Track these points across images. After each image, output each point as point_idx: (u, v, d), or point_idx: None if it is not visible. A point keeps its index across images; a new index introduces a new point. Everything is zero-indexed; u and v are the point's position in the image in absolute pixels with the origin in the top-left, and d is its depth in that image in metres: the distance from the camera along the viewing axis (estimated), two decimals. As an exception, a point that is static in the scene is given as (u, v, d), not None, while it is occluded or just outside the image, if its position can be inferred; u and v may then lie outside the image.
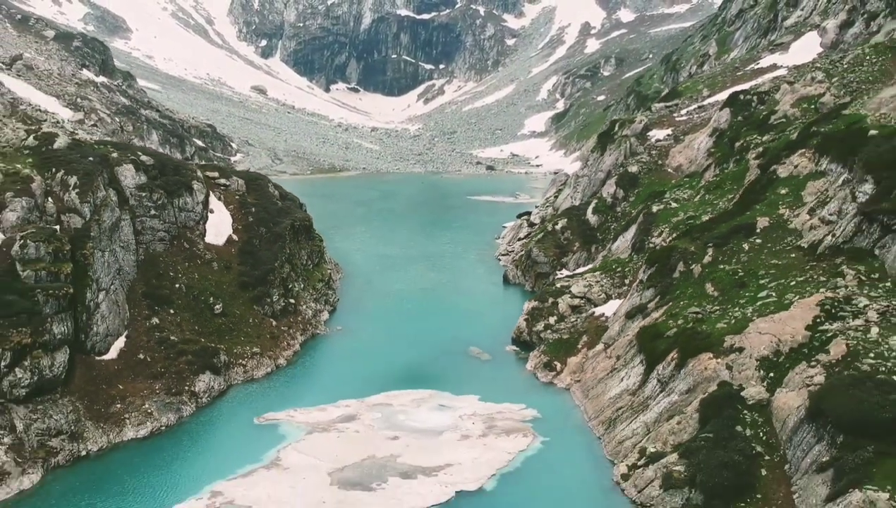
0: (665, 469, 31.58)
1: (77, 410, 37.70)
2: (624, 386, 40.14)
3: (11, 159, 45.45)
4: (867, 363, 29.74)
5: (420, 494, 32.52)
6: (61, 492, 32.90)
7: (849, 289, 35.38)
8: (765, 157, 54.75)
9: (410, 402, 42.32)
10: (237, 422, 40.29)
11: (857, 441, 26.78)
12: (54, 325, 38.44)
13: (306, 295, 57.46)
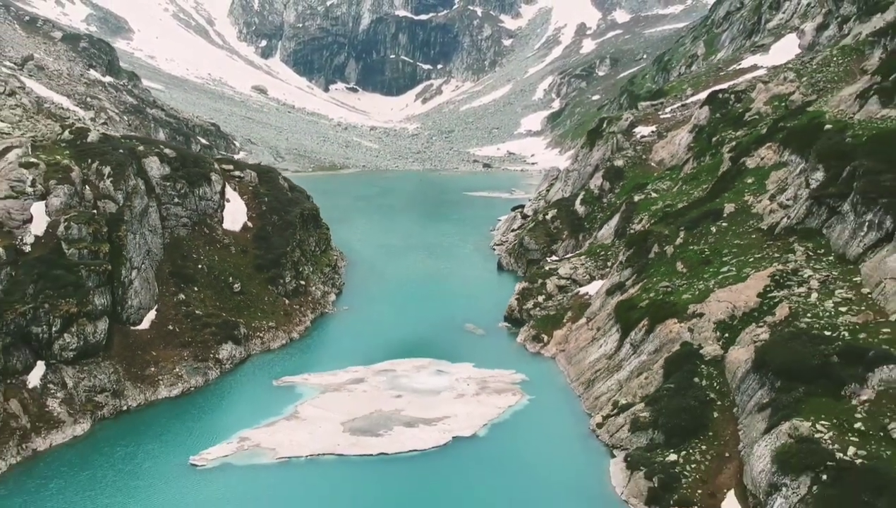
0: (633, 416, 36.58)
1: (117, 372, 42.64)
2: (602, 352, 45.16)
3: (51, 151, 50.25)
4: (804, 321, 34.73)
5: (421, 439, 37.47)
6: (108, 438, 37.81)
7: (797, 263, 40.38)
8: (736, 151, 59.80)
9: (412, 368, 47.29)
10: (258, 384, 45.24)
11: (791, 384, 31.72)
12: (96, 297, 43.36)
13: (315, 278, 62.46)
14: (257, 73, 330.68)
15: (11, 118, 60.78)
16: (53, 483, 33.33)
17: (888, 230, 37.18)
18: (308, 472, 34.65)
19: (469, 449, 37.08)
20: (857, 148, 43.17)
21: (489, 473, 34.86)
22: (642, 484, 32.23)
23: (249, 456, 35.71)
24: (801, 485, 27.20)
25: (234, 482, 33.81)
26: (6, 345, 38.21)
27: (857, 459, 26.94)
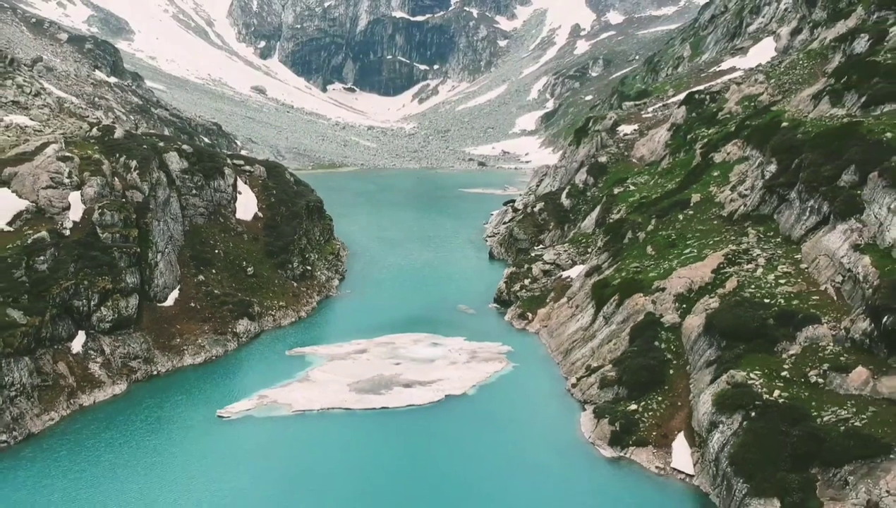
0: (602, 376, 42.02)
1: (147, 342, 47.98)
2: (579, 325, 50.58)
3: (82, 147, 55.47)
4: (748, 292, 40.18)
5: (418, 396, 42.83)
6: (144, 397, 43.12)
7: (749, 244, 45.86)
8: (707, 147, 65.31)
9: (409, 341, 52.66)
10: (272, 354, 50.60)
11: (734, 343, 37.14)
12: (127, 276, 48.70)
13: (320, 264, 67.84)
14: (256, 74, 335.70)
15: (41, 116, 65.96)
16: (105, 433, 38.57)
17: (825, 214, 42.62)
18: (319, 422, 40.00)
19: (459, 405, 42.47)
20: (805, 143, 48.65)
21: (477, 424, 40.23)
22: (606, 429, 37.68)
23: (268, 410, 41.09)
24: (734, 421, 32.65)
25: (256, 430, 39.15)
26: (53, 316, 43.45)
27: (780, 399, 32.39)
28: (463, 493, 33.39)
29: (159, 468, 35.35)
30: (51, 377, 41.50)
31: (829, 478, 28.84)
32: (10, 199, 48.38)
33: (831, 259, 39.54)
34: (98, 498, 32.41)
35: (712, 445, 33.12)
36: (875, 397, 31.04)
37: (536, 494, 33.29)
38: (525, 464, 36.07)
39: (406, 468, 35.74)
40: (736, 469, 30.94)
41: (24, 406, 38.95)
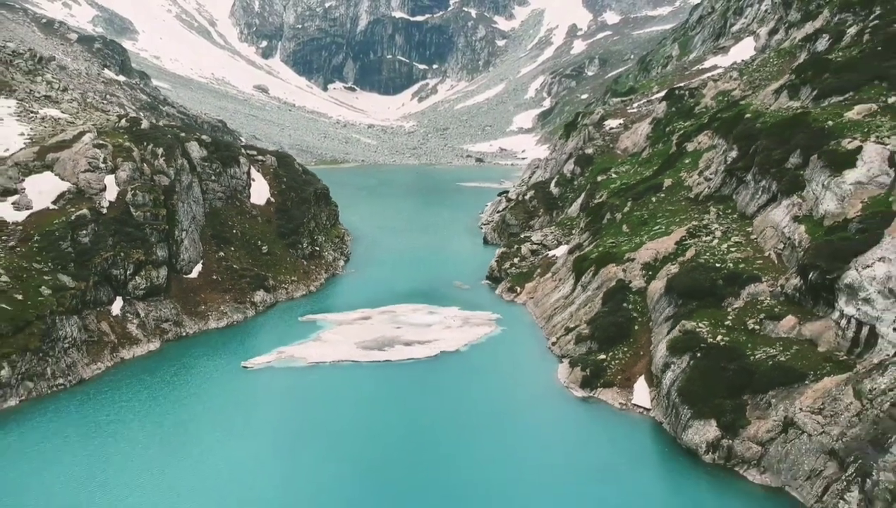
0: (577, 333, 48.02)
1: (176, 307, 53.98)
2: (560, 294, 56.58)
3: (113, 136, 61.36)
4: (703, 258, 46.18)
5: (417, 352, 48.79)
6: (176, 353, 49.11)
7: (709, 220, 51.86)
8: (681, 138, 71.29)
9: (409, 310, 58.65)
10: (287, 320, 56.59)
11: (689, 301, 43.09)
12: (157, 250, 54.66)
13: (327, 246, 73.82)
14: (258, 73, 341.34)
15: (70, 110, 71.87)
16: (144, 379, 44.55)
17: (774, 192, 48.58)
18: (331, 372, 45.92)
19: (453, 359, 48.43)
20: (761, 131, 54.61)
21: (468, 374, 46.18)
22: (579, 375, 43.68)
23: (287, 362, 47.07)
24: (683, 361, 38.62)
25: (277, 377, 45.10)
26: (95, 282, 49.43)
27: (722, 342, 38.38)
28: (454, 428, 39.21)
29: (193, 404, 41.35)
30: (96, 334, 47.49)
31: (757, 402, 34.84)
32: (54, 181, 54.33)
33: (776, 229, 45.54)
34: (140, 427, 38.33)
35: (665, 382, 39.12)
36: (799, 338, 37.02)
37: (518, 426, 39.21)
38: (508, 404, 42.06)
39: (405, 408, 41.65)
40: (682, 398, 36.95)
41: (76, 356, 44.98)
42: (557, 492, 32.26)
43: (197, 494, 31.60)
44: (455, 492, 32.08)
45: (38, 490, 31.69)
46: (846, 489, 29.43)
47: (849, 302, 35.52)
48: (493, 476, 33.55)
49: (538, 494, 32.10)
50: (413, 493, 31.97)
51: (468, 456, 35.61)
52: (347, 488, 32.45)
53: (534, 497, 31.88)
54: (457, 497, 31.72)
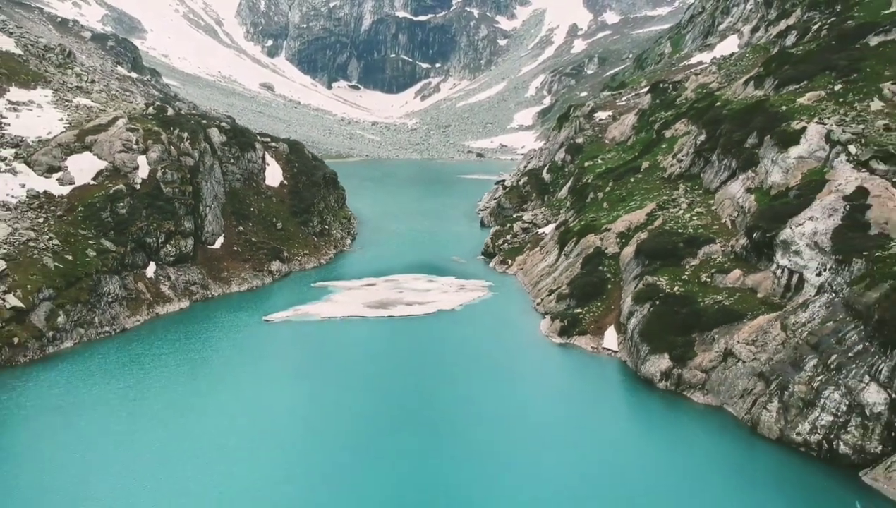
0: (558, 293, 54.37)
1: (202, 273, 60.44)
2: (546, 263, 62.96)
3: (142, 122, 67.75)
4: (669, 226, 52.51)
5: (417, 310, 55.18)
6: (204, 310, 55.56)
7: (677, 195, 58.18)
8: (661, 126, 77.58)
9: (410, 278, 65.06)
10: (301, 285, 63.02)
11: (654, 261, 49.39)
12: (185, 222, 61.06)
13: (335, 225, 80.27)
14: (264, 71, 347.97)
15: (100, 99, 78.26)
16: (177, 329, 51.00)
17: (734, 169, 54.86)
18: (342, 325, 52.29)
19: (448, 316, 54.78)
20: (727, 116, 60.94)
21: (461, 328, 52.49)
22: (557, 325, 50.05)
23: (303, 317, 53.49)
24: (644, 308, 44.96)
25: (294, 329, 51.49)
26: (132, 248, 55.85)
27: (677, 291, 44.72)
28: (449, 371, 45.36)
29: (221, 347, 47.79)
30: (134, 292, 53.92)
31: (703, 338, 41.15)
32: (93, 161, 60.69)
33: (732, 200, 51.86)
34: (175, 364, 44.71)
35: (629, 327, 45.46)
36: (742, 287, 43.32)
37: (502, 367, 45.45)
38: (495, 350, 48.38)
39: (406, 355, 47.95)
40: (642, 338, 43.29)
41: (118, 309, 51.43)
42: (537, 417, 38.42)
43: (223, 416, 37.80)
44: (447, 416, 38.27)
45: (90, 411, 38.00)
46: (768, 401, 35.74)
47: (783, 255, 41.85)
48: (480, 405, 39.69)
49: (520, 418, 38.26)
50: (412, 416, 38.18)
51: (459, 390, 41.87)
52: (355, 410, 38.66)
53: (516, 420, 37.98)
54: (449, 420, 37.87)
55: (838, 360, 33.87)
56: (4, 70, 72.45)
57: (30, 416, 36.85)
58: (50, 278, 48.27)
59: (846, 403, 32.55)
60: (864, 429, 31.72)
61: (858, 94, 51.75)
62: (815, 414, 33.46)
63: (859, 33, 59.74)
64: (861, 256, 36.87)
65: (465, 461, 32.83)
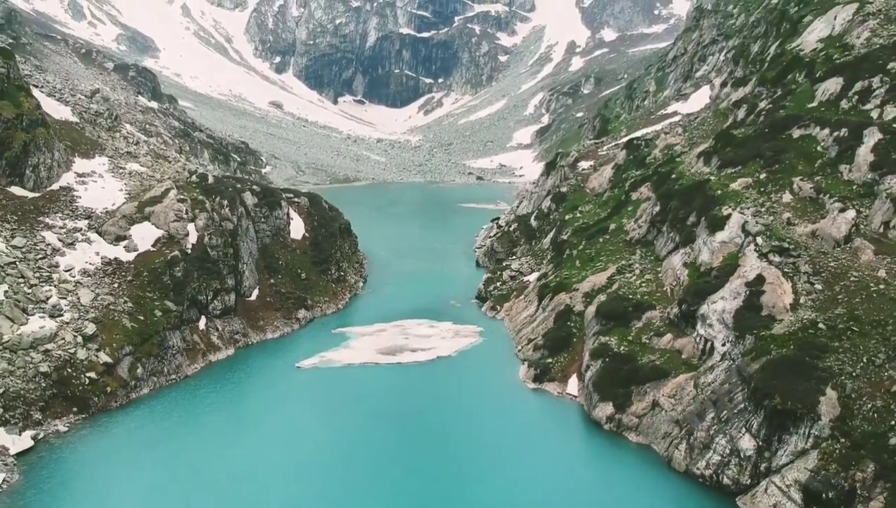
0: (535, 343, 67.04)
1: (243, 323, 73.24)
2: (527, 313, 75.62)
3: (188, 190, 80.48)
4: (622, 291, 65.09)
5: (420, 356, 67.87)
6: (245, 356, 68.36)
7: (634, 260, 70.79)
8: (630, 186, 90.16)
9: (414, 324, 77.74)
10: (324, 332, 75.75)
11: (608, 322, 61.95)
12: (228, 279, 73.84)
13: (350, 271, 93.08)
14: (273, 88, 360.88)
15: (147, 163, 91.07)
16: (227, 375, 63.78)
17: (677, 243, 67.39)
18: (359, 371, 65.01)
19: (446, 362, 67.50)
20: (677, 192, 73.52)
21: (456, 372, 65.18)
22: (532, 373, 62.74)
23: (328, 363, 66.26)
24: (597, 363, 57.57)
25: (322, 375, 64.23)
26: (187, 306, 68.61)
27: (623, 351, 57.33)
28: (442, 408, 58.13)
29: (264, 392, 60.57)
30: (191, 343, 66.75)
31: (639, 391, 53.76)
32: (152, 229, 73.43)
33: (673, 271, 64.46)
34: (227, 405, 57.46)
35: (586, 378, 58.10)
36: (671, 349, 55.93)
37: (485, 407, 58.14)
38: (481, 393, 61.14)
39: (410, 399, 60.55)
40: (594, 388, 55.93)
41: (181, 359, 64.29)
42: (507, 447, 51.15)
43: (264, 448, 50.54)
44: (437, 448, 51.00)
45: (167, 442, 50.80)
46: (680, 442, 48.39)
47: (701, 326, 54.48)
48: (463, 440, 52.42)
49: (493, 448, 50.98)
50: (412, 446, 50.92)
51: (449, 427, 54.64)
52: (371, 444, 51.38)
53: (490, 450, 50.71)
54: (438, 451, 50.62)
55: (727, 415, 46.53)
56: (69, 141, 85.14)
57: (129, 450, 49.70)
58: (129, 336, 61.18)
59: (729, 448, 45.21)
60: (740, 467, 44.37)
61: (776, 186, 64.27)
62: (709, 454, 46.11)
63: (785, 124, 72.05)
64: (752, 333, 49.51)
65: (450, 478, 45.64)
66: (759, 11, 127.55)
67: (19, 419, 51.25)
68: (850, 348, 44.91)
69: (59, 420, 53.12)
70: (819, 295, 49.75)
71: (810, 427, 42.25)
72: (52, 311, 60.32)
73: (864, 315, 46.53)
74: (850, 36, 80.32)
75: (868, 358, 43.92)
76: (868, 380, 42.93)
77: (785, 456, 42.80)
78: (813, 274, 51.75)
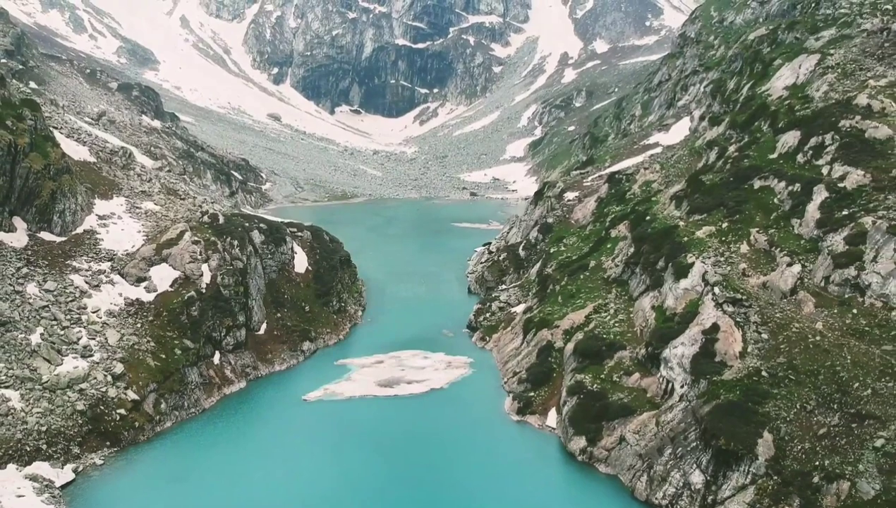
0: (519, 377, 74.01)
1: (253, 356, 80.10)
2: (513, 346, 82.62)
3: (201, 231, 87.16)
4: (598, 330, 72.09)
5: (415, 388, 74.78)
6: (257, 389, 75.20)
7: (609, 300, 77.82)
8: (610, 222, 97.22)
9: (409, 355, 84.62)
10: (326, 363, 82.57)
11: (584, 359, 68.91)
12: (239, 316, 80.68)
13: (350, 301, 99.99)
14: (271, 100, 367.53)
15: (161, 201, 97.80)
16: (241, 407, 70.65)
17: (648, 285, 74.40)
18: (360, 402, 71.85)
19: (439, 394, 74.39)
20: (649, 235, 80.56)
21: (448, 405, 72.08)
22: (516, 406, 69.71)
23: (331, 396, 73.12)
24: (573, 400, 64.56)
25: (326, 407, 71.06)
26: (203, 342, 75.40)
27: (596, 388, 64.30)
28: (437, 438, 65.05)
29: (274, 425, 67.42)
30: (207, 378, 73.58)
31: (608, 426, 60.74)
32: (169, 271, 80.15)
33: (643, 312, 71.48)
34: (240, 437, 64.35)
35: (563, 412, 65.08)
36: (639, 388, 62.93)
37: (471, 438, 65.12)
38: (471, 424, 68.06)
39: (405, 427, 67.49)
40: (570, 422, 62.91)
41: (199, 394, 71.13)
42: (491, 476, 58.12)
43: (271, 477, 57.44)
44: (428, 476, 58.00)
45: (190, 472, 57.67)
46: (642, 474, 55.41)
47: (664, 368, 61.50)
48: (452, 469, 59.41)
49: (479, 478, 57.94)
50: (405, 475, 57.91)
51: (439, 457, 61.59)
52: (371, 473, 58.32)
53: (475, 479, 57.68)
54: (429, 479, 57.59)
55: (682, 451, 53.57)
56: (89, 183, 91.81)
57: (158, 481, 56.60)
58: (153, 374, 68.04)
59: (682, 481, 52.25)
60: (691, 498, 51.40)
61: (735, 236, 71.39)
62: (665, 486, 53.15)
63: (748, 175, 79.17)
64: (705, 378, 56.55)
65: (438, 505, 52.83)
66: (737, 46, 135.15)
67: (60, 454, 58.07)
68: (786, 395, 51.95)
69: (94, 453, 59.89)
70: (764, 345, 56.75)
71: (749, 466, 49.32)
72: (83, 352, 67.16)
73: (801, 364, 53.55)
74: (811, 88, 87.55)
75: (801, 405, 50.97)
76: (800, 425, 49.98)
77: (728, 490, 49.84)
78: (761, 323, 58.75)
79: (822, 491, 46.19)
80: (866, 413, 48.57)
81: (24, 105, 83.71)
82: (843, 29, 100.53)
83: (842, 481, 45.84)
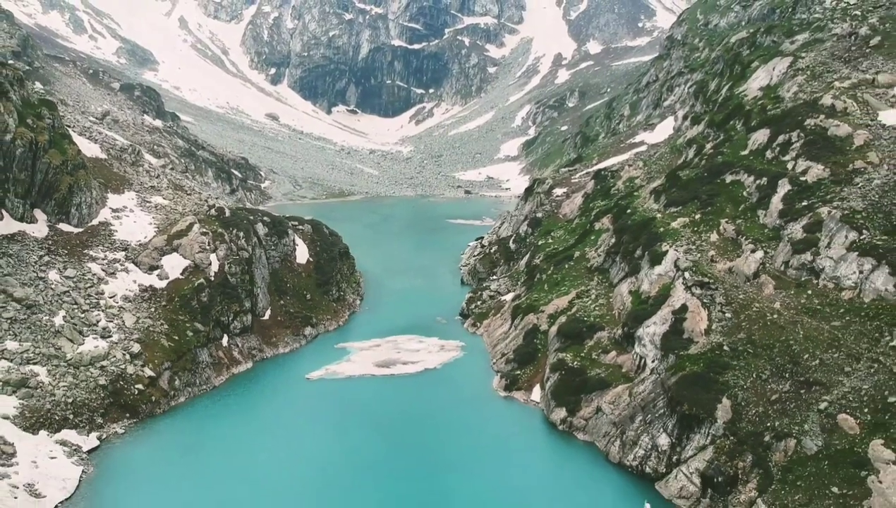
0: (506, 358, 79.61)
1: (259, 339, 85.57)
2: (502, 330, 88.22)
3: (208, 223, 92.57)
4: (580, 314, 77.73)
5: (410, 369, 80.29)
6: (262, 369, 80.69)
7: (591, 286, 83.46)
8: (594, 216, 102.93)
9: (405, 339, 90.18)
10: (327, 347, 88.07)
11: (567, 340, 74.51)
12: (245, 302, 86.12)
13: (349, 290, 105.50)
14: (268, 100, 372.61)
15: (169, 196, 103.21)
16: (248, 385, 76.16)
17: (626, 272, 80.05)
18: (359, 381, 77.37)
19: (432, 374, 79.95)
20: (630, 227, 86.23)
21: (440, 382, 77.62)
22: (503, 383, 75.34)
23: (332, 375, 78.65)
24: (555, 376, 70.17)
25: (328, 385, 76.57)
26: (212, 326, 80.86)
27: (576, 365, 69.94)
28: (430, 413, 70.55)
29: (279, 400, 72.93)
30: (216, 358, 79.04)
31: (587, 398, 66.37)
32: (180, 260, 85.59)
33: (621, 297, 77.15)
34: (248, 410, 69.86)
35: (547, 387, 70.70)
36: (615, 364, 68.57)
37: (462, 412, 70.67)
38: (461, 400, 73.64)
39: (401, 403, 73.00)
40: (552, 396, 68.55)
41: (209, 372, 76.61)
42: (481, 446, 63.69)
43: (276, 449, 62.95)
44: (422, 448, 63.53)
45: (202, 440, 63.18)
46: (615, 440, 61.06)
47: (638, 345, 67.15)
48: (444, 441, 64.92)
49: (469, 448, 63.51)
50: (401, 447, 63.45)
51: (433, 430, 67.02)
52: (368, 444, 63.86)
53: (466, 449, 63.24)
54: (422, 451, 63.12)
55: (651, 418, 59.23)
56: (102, 179, 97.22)
57: (174, 448, 62.10)
58: (167, 353, 73.52)
59: (651, 444, 57.91)
60: (658, 459, 57.07)
61: (707, 226, 77.07)
62: (636, 449, 58.80)
63: (720, 170, 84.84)
64: (674, 353, 62.23)
65: (431, 474, 58.21)
66: (719, 48, 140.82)
67: (86, 423, 63.53)
68: (744, 366, 57.65)
69: (116, 423, 65.35)
70: (727, 323, 62.46)
71: (709, 428, 54.99)
72: (102, 333, 72.65)
73: (759, 339, 59.24)
74: (782, 88, 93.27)
75: (757, 374, 56.65)
76: (755, 391, 55.67)
77: (690, 450, 55.51)
78: (725, 304, 64.45)
79: (772, 449, 51.81)
80: (814, 380, 54.21)
81: (43, 104, 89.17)
82: (816, 33, 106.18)
83: (789, 439, 51.47)
